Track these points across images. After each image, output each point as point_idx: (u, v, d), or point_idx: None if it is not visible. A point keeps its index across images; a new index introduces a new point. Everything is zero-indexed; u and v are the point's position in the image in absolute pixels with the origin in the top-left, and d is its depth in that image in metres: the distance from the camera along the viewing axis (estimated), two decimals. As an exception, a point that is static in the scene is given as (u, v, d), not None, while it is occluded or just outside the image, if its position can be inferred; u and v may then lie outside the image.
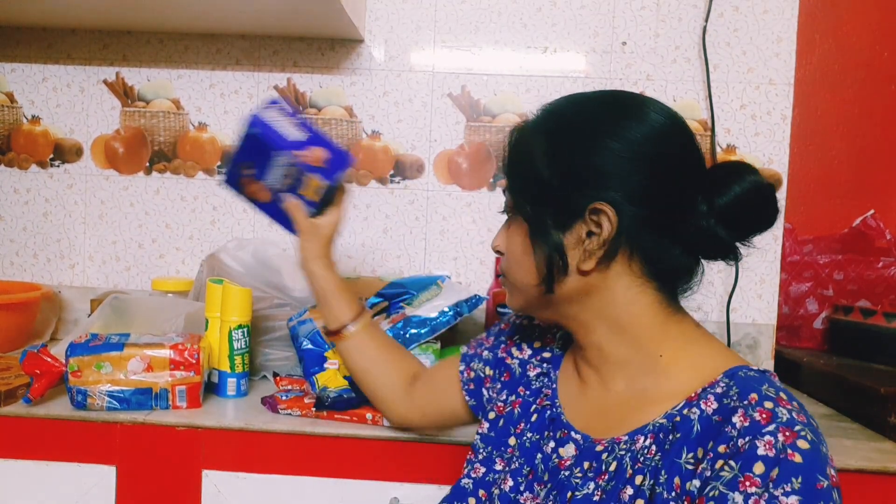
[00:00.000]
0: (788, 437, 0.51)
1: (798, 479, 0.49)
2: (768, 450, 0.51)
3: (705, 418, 0.56)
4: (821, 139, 1.49)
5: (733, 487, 0.50)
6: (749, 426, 0.52)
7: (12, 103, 1.51)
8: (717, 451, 0.53)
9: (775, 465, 0.50)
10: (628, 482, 0.58)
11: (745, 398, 0.55)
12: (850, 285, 1.46)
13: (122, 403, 0.98)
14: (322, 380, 1.07)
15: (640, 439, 0.59)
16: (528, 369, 0.76)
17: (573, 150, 0.62)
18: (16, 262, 1.53)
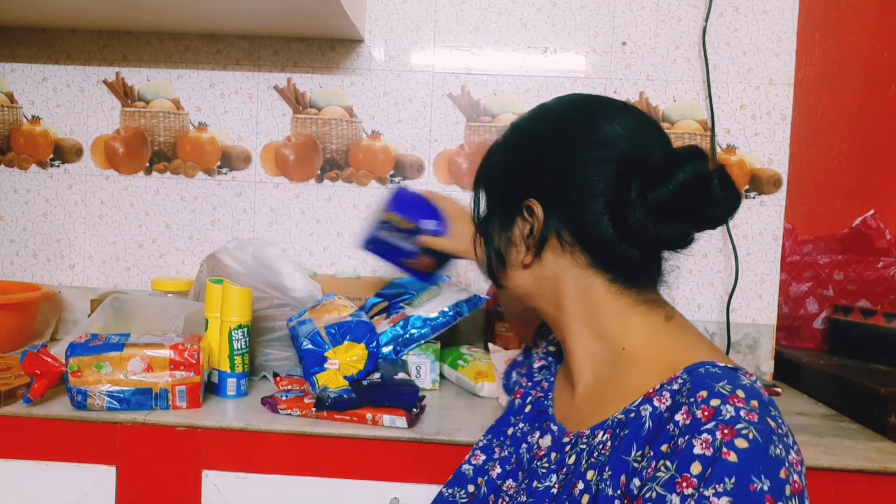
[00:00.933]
0: (726, 435, 0.48)
1: (731, 479, 0.46)
2: (705, 448, 0.48)
3: (657, 415, 0.54)
4: (821, 139, 1.49)
5: (671, 489, 0.48)
6: (690, 424, 0.50)
7: (12, 103, 1.51)
8: (658, 450, 0.51)
9: (710, 464, 0.47)
10: (581, 476, 0.57)
11: (693, 395, 0.52)
12: (850, 285, 1.46)
13: (122, 403, 0.98)
14: (322, 380, 1.07)
15: (599, 434, 0.58)
16: (535, 361, 0.79)
17: (518, 154, 0.67)
18: (16, 262, 1.53)
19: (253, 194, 1.49)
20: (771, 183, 1.42)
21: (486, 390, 1.15)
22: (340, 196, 1.48)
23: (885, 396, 1.04)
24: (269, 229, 1.50)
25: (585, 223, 0.61)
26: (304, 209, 1.49)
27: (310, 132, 1.48)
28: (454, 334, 1.35)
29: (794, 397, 1.26)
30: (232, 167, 1.49)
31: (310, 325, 1.11)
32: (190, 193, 1.50)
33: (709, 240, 1.43)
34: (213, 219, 1.50)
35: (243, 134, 1.49)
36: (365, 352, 1.10)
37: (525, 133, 0.69)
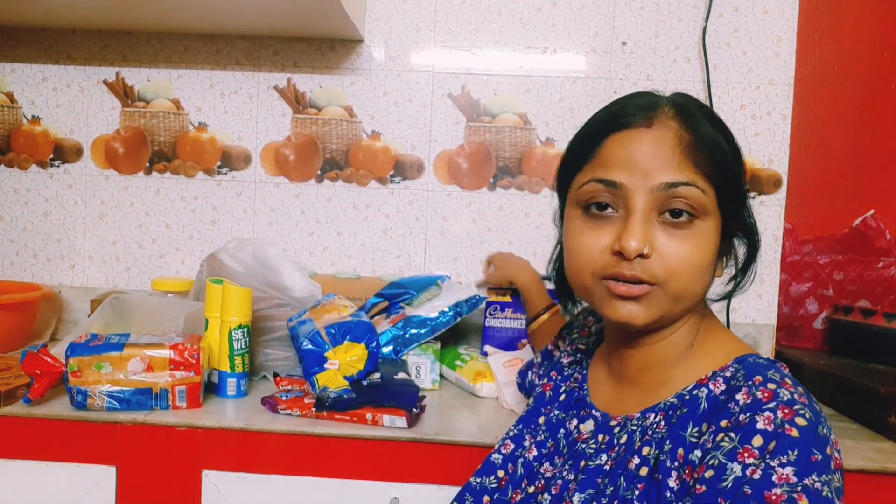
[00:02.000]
0: (787, 414, 0.53)
1: (794, 451, 0.51)
2: (767, 424, 0.53)
3: (713, 398, 0.59)
4: (821, 139, 1.49)
5: (732, 458, 0.53)
6: (751, 403, 0.55)
7: (12, 103, 1.51)
8: (719, 425, 0.56)
9: (773, 438, 0.52)
10: (636, 453, 0.61)
11: (751, 379, 0.57)
12: (850, 285, 1.46)
13: (122, 403, 0.98)
14: (322, 380, 1.07)
15: (651, 416, 0.63)
16: (563, 357, 0.82)
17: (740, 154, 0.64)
18: (16, 262, 1.53)
19: (253, 194, 1.49)
20: (771, 183, 1.42)
21: (485, 391, 1.15)
22: (340, 196, 1.48)
23: (885, 396, 1.04)
24: (269, 229, 1.50)
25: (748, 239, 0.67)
26: (304, 209, 1.49)
27: (310, 132, 1.48)
28: (454, 334, 1.35)
29: (794, 397, 1.26)
30: (232, 167, 1.49)
31: (310, 325, 1.11)
32: (190, 193, 1.50)
33: (709, 240, 1.43)
34: (213, 219, 1.50)
35: (243, 134, 1.49)
36: (365, 352, 1.10)
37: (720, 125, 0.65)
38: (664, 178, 0.59)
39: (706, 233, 0.61)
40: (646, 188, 0.60)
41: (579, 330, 0.84)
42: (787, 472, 0.51)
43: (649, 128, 0.61)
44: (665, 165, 0.60)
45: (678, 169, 0.60)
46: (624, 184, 0.60)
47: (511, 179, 1.45)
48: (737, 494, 0.51)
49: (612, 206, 0.62)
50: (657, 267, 0.60)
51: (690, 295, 0.62)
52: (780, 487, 0.50)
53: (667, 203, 0.60)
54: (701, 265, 0.61)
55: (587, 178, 0.63)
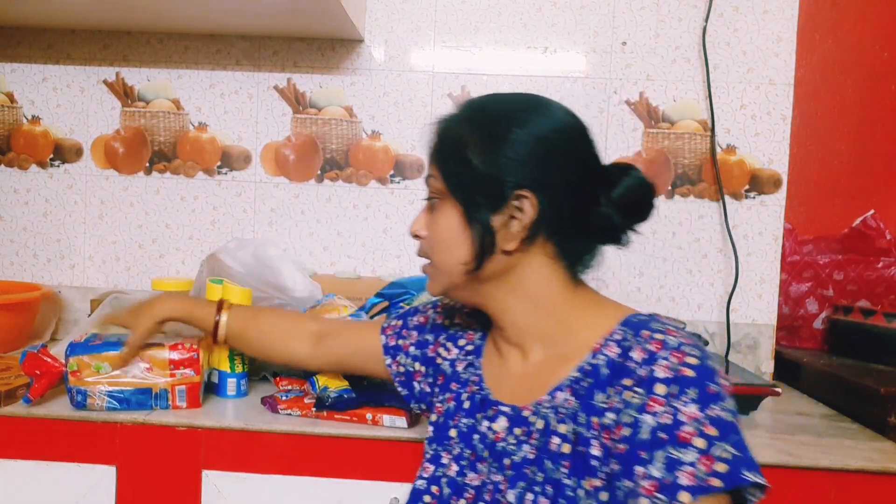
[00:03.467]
0: (679, 357, 0.60)
1: (693, 389, 0.58)
2: (665, 372, 0.59)
3: (612, 362, 0.64)
4: (821, 139, 1.49)
5: (642, 411, 0.59)
6: (647, 357, 0.61)
7: (12, 103, 1.51)
8: (623, 385, 0.62)
9: (673, 383, 0.59)
10: (554, 433, 0.65)
11: (639, 335, 0.64)
12: (850, 285, 1.46)
13: (122, 403, 0.98)
14: (322, 380, 1.07)
15: (559, 395, 0.67)
16: (457, 366, 0.81)
17: (497, 140, 0.68)
18: (16, 262, 1.53)
19: (253, 194, 1.49)
20: (771, 183, 1.42)
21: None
22: (340, 196, 1.48)
23: (885, 396, 1.04)
24: (269, 229, 1.50)
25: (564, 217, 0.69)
26: (304, 209, 1.49)
27: (310, 132, 1.48)
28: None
29: (794, 397, 1.26)
30: (232, 167, 1.49)
31: (310, 325, 1.11)
32: (190, 193, 1.50)
33: (709, 240, 1.43)
34: (213, 219, 1.50)
35: (243, 134, 1.49)
36: (365, 352, 1.10)
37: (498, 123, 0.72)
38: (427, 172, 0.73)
39: (442, 211, 0.71)
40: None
41: (463, 331, 0.83)
42: (692, 410, 0.57)
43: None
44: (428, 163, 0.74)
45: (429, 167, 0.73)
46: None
47: (511, 179, 1.45)
48: (654, 443, 0.57)
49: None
50: (423, 244, 0.74)
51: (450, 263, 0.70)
52: (690, 425, 0.57)
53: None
54: (442, 236, 0.71)
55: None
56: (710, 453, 0.55)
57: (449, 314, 0.86)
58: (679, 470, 0.56)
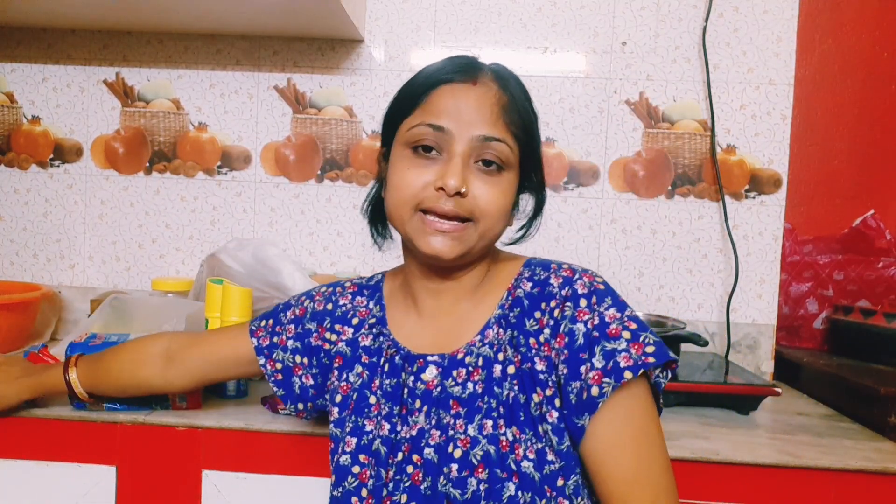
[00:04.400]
0: (589, 277, 0.72)
1: (608, 297, 0.71)
2: (583, 288, 0.71)
3: (529, 294, 0.74)
4: (821, 139, 1.49)
5: (574, 321, 0.69)
6: (563, 281, 0.72)
7: (12, 103, 1.51)
8: (550, 305, 0.72)
9: (591, 295, 0.70)
10: (495, 362, 0.72)
11: (548, 268, 0.75)
12: (850, 285, 1.46)
13: (122, 403, 0.98)
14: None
15: (489, 332, 0.74)
16: (361, 341, 0.81)
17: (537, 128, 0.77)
18: (16, 262, 1.53)
19: (253, 194, 1.49)
20: (771, 183, 1.42)
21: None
22: (340, 196, 1.48)
23: (885, 396, 1.04)
24: (269, 229, 1.50)
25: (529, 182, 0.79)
26: (304, 209, 1.49)
27: (310, 132, 1.48)
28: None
29: (794, 397, 1.26)
30: (232, 167, 1.49)
31: (310, 325, 1.11)
32: (190, 193, 1.50)
33: (709, 240, 1.43)
34: (213, 219, 1.50)
35: (243, 134, 1.49)
36: (365, 352, 1.10)
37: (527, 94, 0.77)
38: (483, 131, 0.70)
39: (508, 184, 0.73)
40: (467, 137, 0.70)
41: (352, 311, 0.83)
42: (613, 312, 0.69)
43: (474, 85, 0.72)
44: (484, 120, 0.70)
45: (494, 126, 0.71)
46: (450, 130, 0.70)
47: (511, 179, 1.45)
48: (590, 344, 0.68)
49: (436, 148, 0.71)
50: (470, 205, 0.71)
51: (493, 235, 0.74)
52: (614, 323, 0.69)
53: (481, 153, 0.71)
54: (503, 210, 0.73)
55: (416, 122, 0.71)
56: (639, 340, 0.68)
57: (330, 299, 0.85)
58: (617, 357, 0.67)
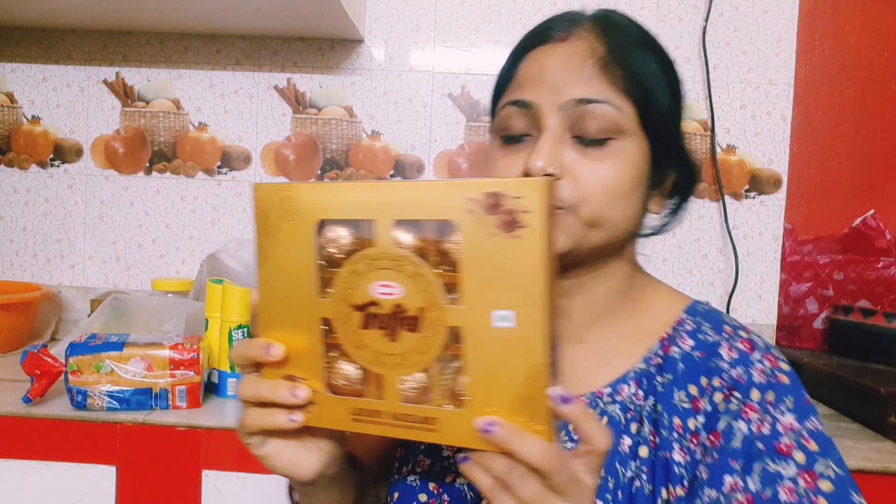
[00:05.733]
0: (773, 362, 0.55)
1: (790, 398, 0.53)
2: (760, 377, 0.54)
3: (686, 356, 0.57)
4: (821, 139, 1.49)
5: (738, 417, 0.53)
6: (738, 357, 0.55)
7: (12, 103, 1.51)
8: (713, 385, 0.55)
9: (769, 388, 0.53)
10: (624, 432, 0.56)
11: (721, 331, 0.57)
12: (850, 285, 1.46)
13: (122, 403, 0.98)
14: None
15: (624, 388, 0.58)
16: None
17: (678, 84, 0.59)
18: (16, 262, 1.53)
19: (253, 194, 1.49)
20: (771, 183, 1.42)
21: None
22: (340, 196, 1.48)
23: (885, 396, 1.04)
24: (269, 229, 1.49)
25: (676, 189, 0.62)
26: (304, 209, 1.49)
27: (310, 132, 1.48)
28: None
29: (794, 397, 1.26)
30: (232, 167, 1.49)
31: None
32: (190, 193, 1.50)
33: (709, 240, 1.43)
34: (213, 219, 1.50)
35: (243, 134, 1.49)
36: (365, 352, 1.10)
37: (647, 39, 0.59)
38: (574, 93, 0.54)
39: (625, 154, 0.55)
40: (555, 105, 0.55)
41: None
42: (790, 420, 0.52)
43: (565, 41, 0.57)
44: (575, 80, 0.54)
45: (588, 83, 0.54)
46: (534, 102, 0.56)
47: (511, 179, 1.45)
48: (749, 453, 0.51)
49: (527, 129, 0.57)
50: (567, 189, 0.54)
51: (608, 222, 0.55)
52: (787, 436, 0.51)
53: (580, 121, 0.54)
54: (618, 188, 0.54)
55: (503, 103, 0.59)
56: (813, 469, 0.50)
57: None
58: (779, 485, 0.50)
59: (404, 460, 0.65)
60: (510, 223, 0.40)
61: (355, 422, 0.46)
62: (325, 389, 0.47)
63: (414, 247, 0.43)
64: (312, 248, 0.45)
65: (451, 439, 0.44)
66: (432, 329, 0.43)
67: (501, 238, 0.40)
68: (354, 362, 0.46)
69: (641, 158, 0.56)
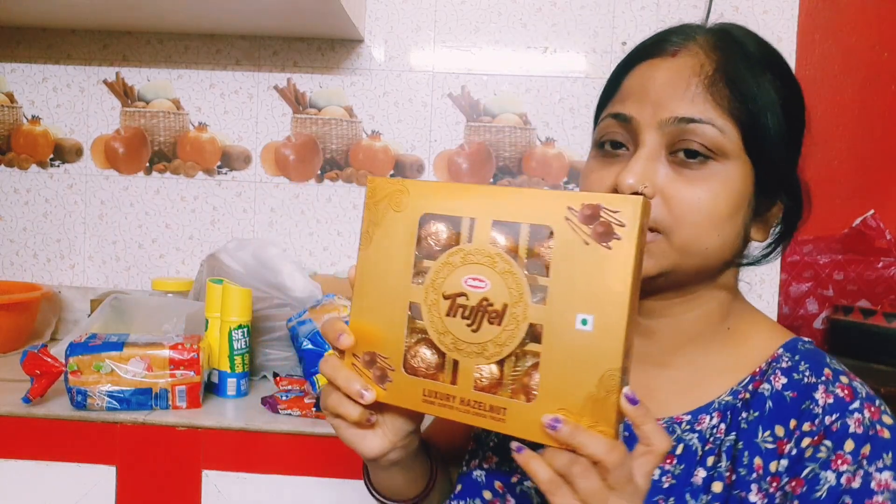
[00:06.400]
0: (874, 413, 0.51)
1: (889, 454, 0.50)
2: (857, 427, 0.50)
3: (777, 394, 0.54)
4: (821, 139, 1.49)
5: (826, 466, 0.50)
6: (834, 403, 0.52)
7: (12, 103, 1.51)
8: (802, 430, 0.52)
9: (866, 441, 0.50)
10: (699, 464, 0.54)
11: (821, 374, 0.54)
12: (850, 285, 1.46)
13: (122, 403, 0.98)
14: (322, 380, 1.07)
15: (706, 419, 0.56)
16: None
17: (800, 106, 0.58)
18: (16, 262, 1.52)
19: (253, 194, 1.49)
20: (771, 183, 1.42)
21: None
22: (340, 196, 1.48)
23: (885, 396, 1.04)
24: (269, 229, 1.50)
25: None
26: (304, 209, 1.49)
27: (310, 132, 1.48)
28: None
29: (794, 397, 1.26)
30: (232, 167, 1.49)
31: (310, 325, 1.11)
32: (190, 193, 1.50)
33: (709, 240, 1.43)
34: (213, 219, 1.50)
35: (243, 134, 1.49)
36: (365, 352, 1.10)
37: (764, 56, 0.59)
38: (675, 111, 0.52)
39: (724, 178, 0.52)
40: (655, 122, 0.53)
41: None
42: (886, 477, 0.49)
43: (674, 56, 0.56)
44: (679, 97, 0.53)
45: (692, 102, 0.52)
46: (634, 117, 0.54)
47: (511, 179, 1.45)
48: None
49: (625, 143, 0.55)
50: (659, 209, 0.52)
51: (701, 249, 0.53)
52: (881, 494, 0.48)
53: (680, 141, 0.52)
54: (714, 213, 0.52)
55: (605, 115, 0.57)
56: None
57: None
58: None
59: (474, 454, 0.65)
60: (604, 234, 0.43)
61: (425, 402, 0.49)
62: (403, 369, 0.50)
63: (507, 247, 0.46)
64: (413, 237, 0.49)
65: (516, 430, 0.46)
66: (514, 324, 0.46)
67: (594, 247, 0.43)
68: (434, 347, 0.49)
69: (743, 184, 0.53)
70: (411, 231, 0.50)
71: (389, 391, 0.51)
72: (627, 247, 0.42)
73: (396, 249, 0.50)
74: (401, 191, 0.51)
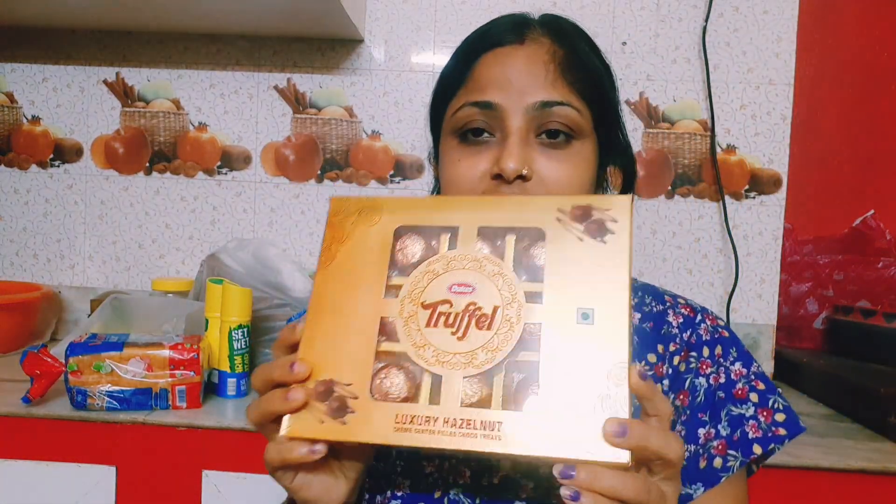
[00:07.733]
0: (713, 320, 0.62)
1: (733, 349, 0.60)
2: (706, 335, 0.60)
3: (639, 329, 0.61)
4: (821, 139, 1.49)
5: (697, 374, 0.59)
6: (684, 322, 0.61)
7: (12, 103, 1.51)
8: (669, 350, 0.60)
9: (716, 344, 0.60)
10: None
11: (663, 301, 0.63)
12: (850, 285, 1.46)
13: (122, 403, 0.98)
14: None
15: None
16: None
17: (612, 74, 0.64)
18: (16, 262, 1.53)
19: (253, 194, 1.49)
20: (771, 183, 1.42)
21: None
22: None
23: (885, 396, 1.04)
24: (269, 229, 1.50)
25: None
26: (304, 209, 1.49)
27: (310, 132, 1.48)
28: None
29: (794, 397, 1.26)
30: (232, 167, 1.49)
31: (310, 325, 1.11)
32: (190, 193, 1.50)
33: (709, 240, 1.43)
34: (213, 219, 1.50)
35: (243, 134, 1.49)
36: (365, 352, 1.10)
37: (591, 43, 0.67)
38: (539, 96, 0.56)
39: (584, 155, 0.58)
40: (521, 107, 0.56)
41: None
42: (738, 367, 0.59)
43: (522, 44, 0.59)
44: (539, 83, 0.57)
45: (553, 87, 0.57)
46: (499, 104, 0.57)
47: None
48: (713, 403, 0.58)
49: (488, 130, 0.58)
50: (538, 189, 0.56)
51: None
52: (740, 382, 0.59)
53: (543, 123, 0.57)
54: (580, 187, 0.58)
55: (461, 104, 0.59)
56: (767, 406, 0.58)
57: None
58: (745, 425, 0.57)
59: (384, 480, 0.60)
60: (598, 230, 0.45)
61: (399, 431, 0.43)
62: (370, 394, 0.45)
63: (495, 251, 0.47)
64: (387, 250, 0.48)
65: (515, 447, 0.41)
66: (507, 326, 0.44)
67: (589, 242, 0.45)
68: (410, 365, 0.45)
69: (595, 156, 0.60)
70: (384, 244, 0.48)
71: (351, 425, 0.44)
72: (622, 239, 0.44)
73: (366, 265, 0.48)
74: (372, 207, 0.49)
